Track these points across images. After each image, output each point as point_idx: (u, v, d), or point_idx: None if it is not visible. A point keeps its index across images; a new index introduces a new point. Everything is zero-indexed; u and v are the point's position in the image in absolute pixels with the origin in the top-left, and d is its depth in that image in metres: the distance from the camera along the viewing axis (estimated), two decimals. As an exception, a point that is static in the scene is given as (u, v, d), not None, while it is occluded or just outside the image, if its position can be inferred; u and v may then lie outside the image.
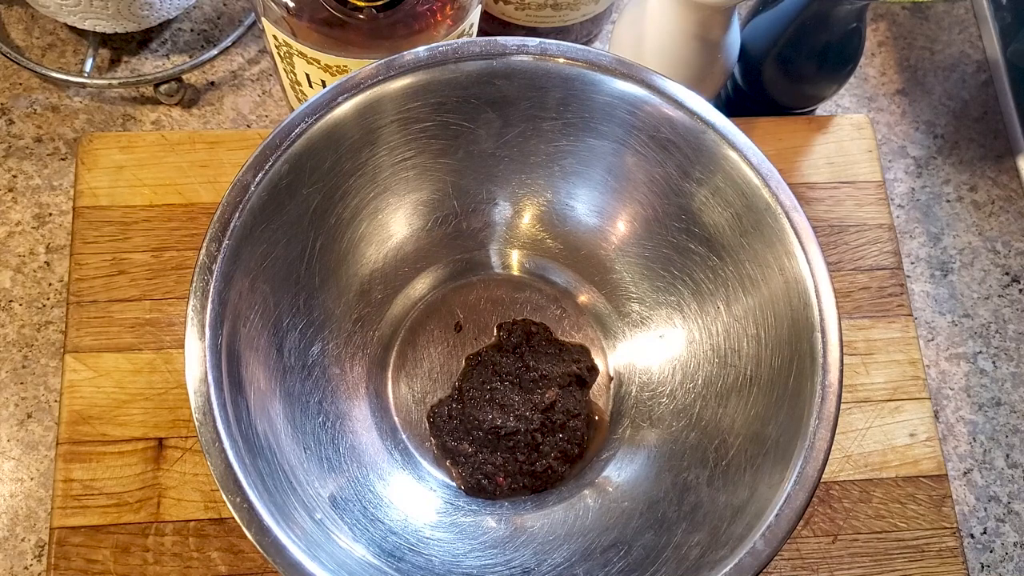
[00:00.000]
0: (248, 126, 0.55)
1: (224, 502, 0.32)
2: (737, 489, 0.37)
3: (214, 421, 0.33)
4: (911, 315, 0.50)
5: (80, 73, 0.53)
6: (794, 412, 0.36)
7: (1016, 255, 0.56)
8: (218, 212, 0.36)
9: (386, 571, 0.37)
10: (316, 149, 0.38)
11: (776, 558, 0.33)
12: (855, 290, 0.50)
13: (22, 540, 0.45)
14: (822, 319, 0.36)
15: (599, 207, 0.45)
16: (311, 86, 0.45)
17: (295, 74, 0.45)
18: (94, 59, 0.54)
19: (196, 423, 0.33)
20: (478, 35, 0.46)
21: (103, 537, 0.42)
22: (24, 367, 0.48)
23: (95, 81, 0.53)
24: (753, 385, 0.39)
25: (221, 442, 0.33)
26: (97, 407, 0.45)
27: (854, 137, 0.54)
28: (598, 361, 0.46)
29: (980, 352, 0.53)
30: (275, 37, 0.43)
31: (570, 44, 0.39)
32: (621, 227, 0.45)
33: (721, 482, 0.38)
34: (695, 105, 0.39)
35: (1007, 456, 0.51)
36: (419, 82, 0.39)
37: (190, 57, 0.56)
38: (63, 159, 0.53)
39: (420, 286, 0.47)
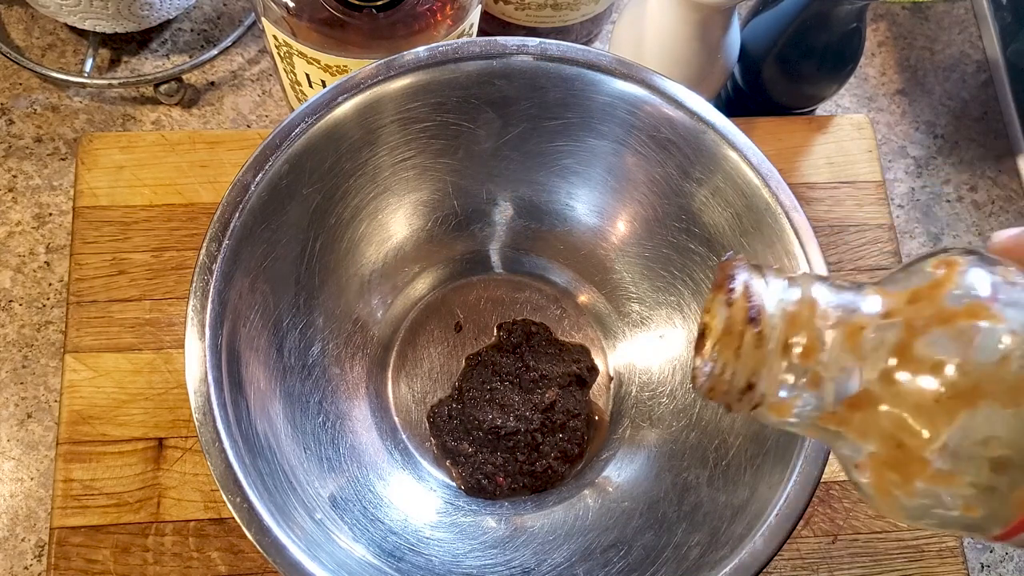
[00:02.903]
0: (248, 126, 0.55)
1: (224, 502, 0.32)
2: (737, 489, 0.37)
3: (214, 421, 0.33)
4: (911, 315, 0.50)
5: (80, 73, 0.53)
6: (794, 412, 0.36)
7: (1016, 255, 0.56)
8: (218, 212, 0.36)
9: (386, 571, 0.37)
10: (316, 149, 0.38)
11: (776, 558, 0.33)
12: (855, 290, 0.50)
13: (22, 540, 0.45)
14: (822, 319, 0.36)
15: (599, 207, 0.45)
16: (311, 86, 0.45)
17: (295, 74, 0.45)
18: (94, 59, 0.54)
19: (196, 423, 0.33)
20: (478, 35, 0.46)
21: (103, 537, 0.42)
22: (24, 367, 0.48)
23: (95, 81, 0.53)
24: (753, 385, 0.39)
25: (221, 442, 0.33)
26: (97, 407, 0.45)
27: (854, 137, 0.54)
28: (598, 361, 0.46)
29: (980, 352, 0.53)
30: (275, 37, 0.43)
31: (570, 44, 0.39)
32: (621, 227, 0.45)
33: (721, 482, 0.38)
34: (695, 105, 0.39)
35: (1007, 456, 0.51)
36: (419, 82, 0.39)
37: (190, 57, 0.56)
38: (63, 159, 0.53)
39: (420, 286, 0.47)
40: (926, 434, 0.23)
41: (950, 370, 0.23)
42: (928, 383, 0.23)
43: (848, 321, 0.25)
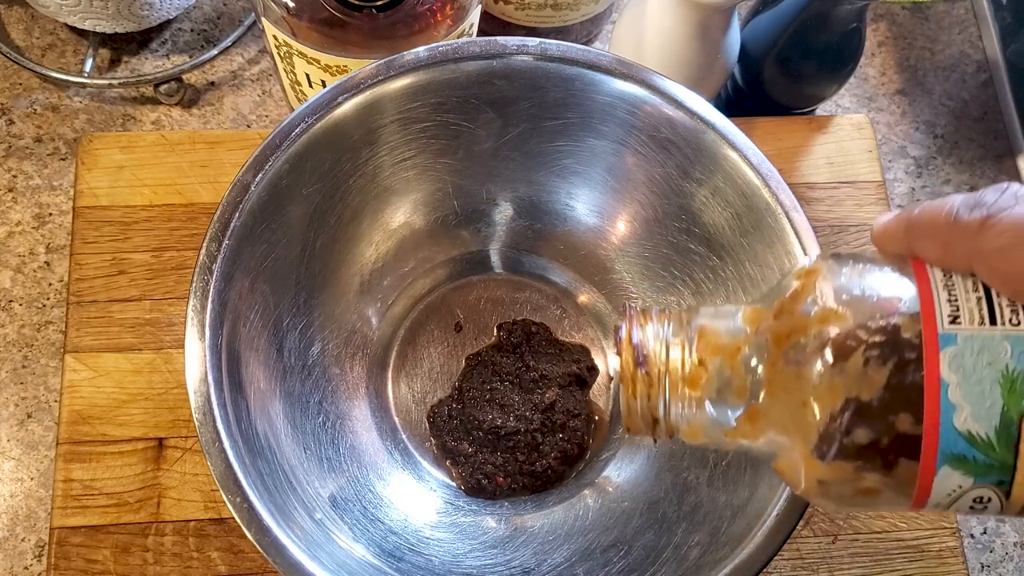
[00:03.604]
0: (248, 126, 0.55)
1: (224, 502, 0.32)
2: (737, 489, 0.37)
3: (214, 421, 0.33)
4: (911, 315, 0.50)
5: (80, 73, 0.53)
6: (794, 412, 0.36)
7: (1016, 255, 0.56)
8: (218, 212, 0.36)
9: (386, 571, 0.37)
10: (316, 149, 0.38)
11: (776, 558, 0.33)
12: (855, 290, 0.50)
13: (22, 540, 0.45)
14: (822, 319, 0.36)
15: (599, 207, 0.45)
16: (311, 86, 0.45)
17: (295, 74, 0.45)
18: (94, 59, 0.54)
19: (196, 423, 0.33)
20: (478, 35, 0.46)
21: (103, 537, 0.42)
22: (24, 367, 0.48)
23: (95, 81, 0.53)
24: (753, 385, 0.39)
25: (221, 442, 0.33)
26: (97, 407, 0.45)
27: (854, 137, 0.54)
28: (598, 361, 0.46)
29: (980, 352, 0.53)
30: (275, 37, 0.43)
31: (570, 44, 0.39)
32: (621, 227, 0.45)
33: (721, 482, 0.38)
34: (695, 105, 0.39)
35: (1007, 456, 0.51)
36: (419, 82, 0.39)
37: (190, 57, 0.56)
38: (63, 159, 0.53)
39: (420, 286, 0.47)
40: (806, 437, 0.25)
41: (812, 376, 0.25)
42: (796, 391, 0.25)
43: (725, 345, 0.28)
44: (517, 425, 0.43)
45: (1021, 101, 0.58)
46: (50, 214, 0.51)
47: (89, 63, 0.54)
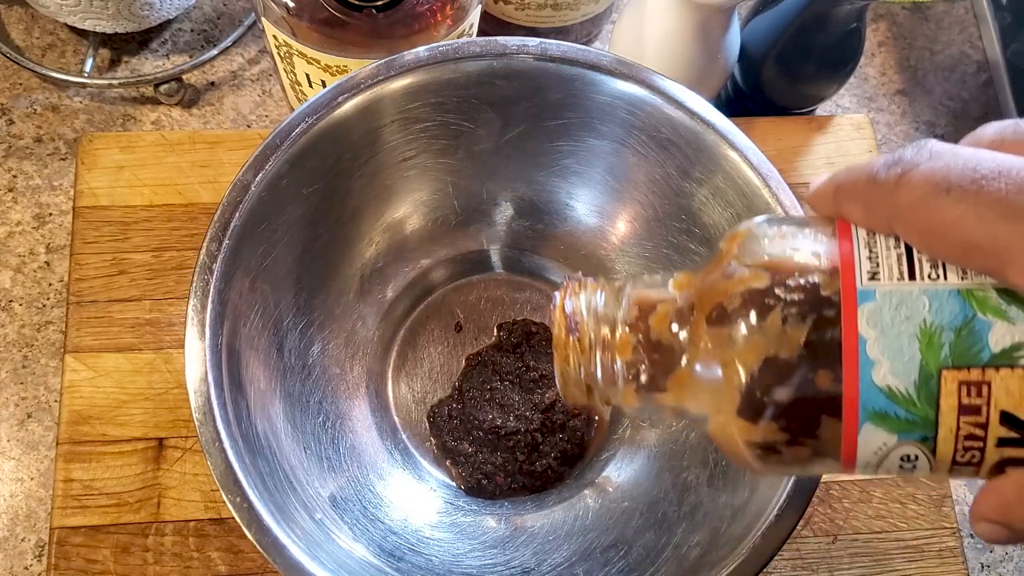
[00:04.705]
0: (248, 126, 0.55)
1: (224, 502, 0.32)
2: (737, 489, 0.37)
3: (214, 421, 0.33)
4: (911, 315, 0.50)
5: (80, 73, 0.53)
6: (794, 412, 0.36)
7: (1016, 255, 0.56)
8: (218, 212, 0.36)
9: (386, 571, 0.37)
10: (316, 149, 0.38)
11: (776, 558, 0.33)
12: (855, 290, 0.50)
13: (22, 540, 0.45)
14: (822, 319, 0.36)
15: (599, 207, 0.45)
16: (311, 86, 0.45)
17: (295, 74, 0.45)
18: (94, 59, 0.54)
19: (196, 423, 0.33)
20: (478, 35, 0.46)
21: (103, 537, 0.42)
22: (24, 367, 0.48)
23: (95, 81, 0.53)
24: (753, 385, 0.39)
25: (221, 442, 0.33)
26: (97, 407, 0.45)
27: (854, 137, 0.54)
28: (598, 361, 0.46)
29: (980, 352, 0.53)
30: (275, 37, 0.43)
31: (570, 44, 0.39)
32: (621, 227, 0.45)
33: (721, 482, 0.38)
34: (695, 105, 0.39)
35: (1007, 456, 0.51)
36: (419, 82, 0.39)
37: (190, 57, 0.56)
38: (63, 159, 0.53)
39: (420, 286, 0.47)
40: (731, 398, 0.25)
41: (733, 336, 0.25)
42: (720, 352, 0.25)
43: (655, 311, 0.27)
44: (517, 425, 0.43)
45: (1021, 101, 0.58)
46: (50, 214, 0.51)
47: (89, 63, 0.54)
